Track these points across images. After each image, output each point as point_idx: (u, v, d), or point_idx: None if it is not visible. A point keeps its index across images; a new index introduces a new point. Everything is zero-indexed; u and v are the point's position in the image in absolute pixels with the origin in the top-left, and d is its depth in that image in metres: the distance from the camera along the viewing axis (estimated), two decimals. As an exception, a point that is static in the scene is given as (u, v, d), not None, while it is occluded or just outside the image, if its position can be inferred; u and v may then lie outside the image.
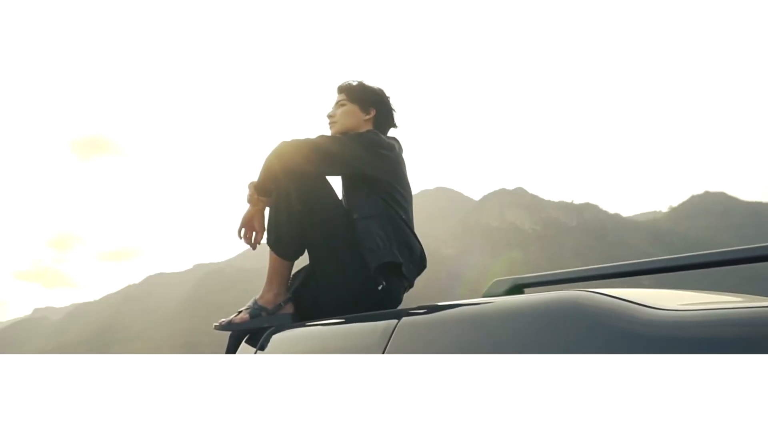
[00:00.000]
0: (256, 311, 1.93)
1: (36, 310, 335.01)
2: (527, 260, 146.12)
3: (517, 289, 1.21)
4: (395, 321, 1.20)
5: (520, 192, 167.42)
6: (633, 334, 0.79)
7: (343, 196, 2.10)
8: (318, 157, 1.96)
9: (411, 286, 2.07)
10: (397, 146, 2.14)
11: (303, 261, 2.06)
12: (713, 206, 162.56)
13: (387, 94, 2.25)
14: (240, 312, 1.96)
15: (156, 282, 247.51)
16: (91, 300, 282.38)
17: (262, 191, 2.02)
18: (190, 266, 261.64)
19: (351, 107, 2.17)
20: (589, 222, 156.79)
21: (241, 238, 2.10)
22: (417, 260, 2.06)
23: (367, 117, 2.18)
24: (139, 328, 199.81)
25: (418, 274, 2.10)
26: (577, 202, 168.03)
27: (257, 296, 1.99)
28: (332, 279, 1.95)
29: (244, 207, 2.10)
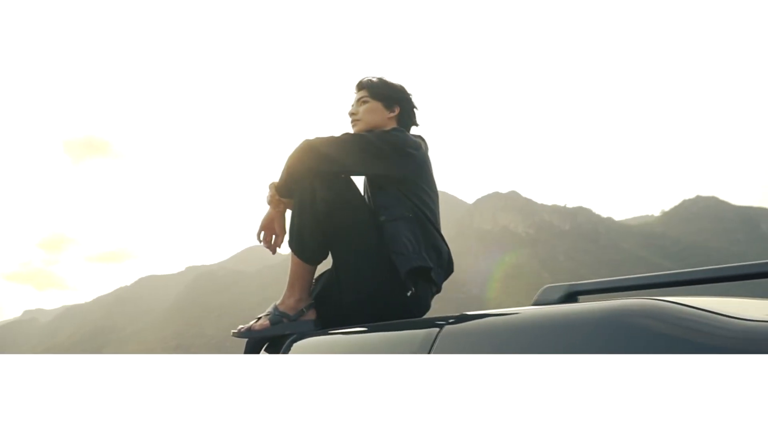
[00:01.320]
0: (277, 318, 1.85)
1: (26, 312, 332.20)
2: (520, 264, 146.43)
3: (571, 296, 1.13)
4: (435, 330, 1.10)
5: (513, 195, 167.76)
6: (721, 347, 0.72)
7: (369, 197, 2.00)
8: (344, 155, 1.87)
9: (439, 291, 1.98)
10: (423, 145, 2.05)
11: (323, 265, 1.99)
12: (705, 210, 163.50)
13: (409, 91, 2.15)
14: (259, 318, 1.87)
15: (148, 284, 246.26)
16: (82, 302, 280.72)
17: (283, 192, 1.93)
18: (182, 268, 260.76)
19: (374, 104, 2.08)
20: (582, 226, 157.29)
21: (260, 241, 2.01)
22: (445, 264, 1.98)
23: (392, 114, 2.09)
24: (130, 331, 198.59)
25: (446, 278, 2.01)
26: (570, 205, 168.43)
27: (277, 302, 1.90)
28: (358, 284, 1.85)
29: (262, 209, 1.99)
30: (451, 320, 1.11)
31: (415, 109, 2.16)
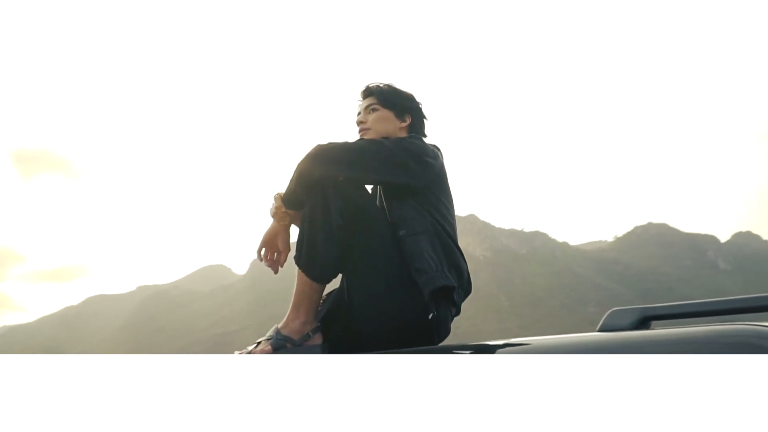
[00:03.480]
0: (279, 342, 1.67)
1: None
2: (477, 287, 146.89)
3: (644, 321, 0.99)
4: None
5: (471, 219, 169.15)
6: None
7: (384, 209, 1.83)
8: (360, 162, 1.71)
9: (458, 313, 1.80)
10: (440, 155, 1.91)
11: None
12: (656, 237, 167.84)
13: (418, 100, 2.02)
14: (259, 343, 1.71)
15: (96, 303, 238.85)
16: (25, 322, 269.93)
17: (291, 203, 1.76)
18: (133, 287, 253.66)
19: (385, 113, 1.94)
20: (539, 250, 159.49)
21: (261, 259, 1.84)
22: (465, 284, 1.82)
23: (403, 124, 1.96)
24: (76, 352, 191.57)
25: (464, 299, 1.83)
26: (527, 230, 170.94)
27: (279, 324, 1.72)
28: (374, 305, 1.68)
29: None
30: (500, 347, 0.98)
31: (425, 120, 2.04)
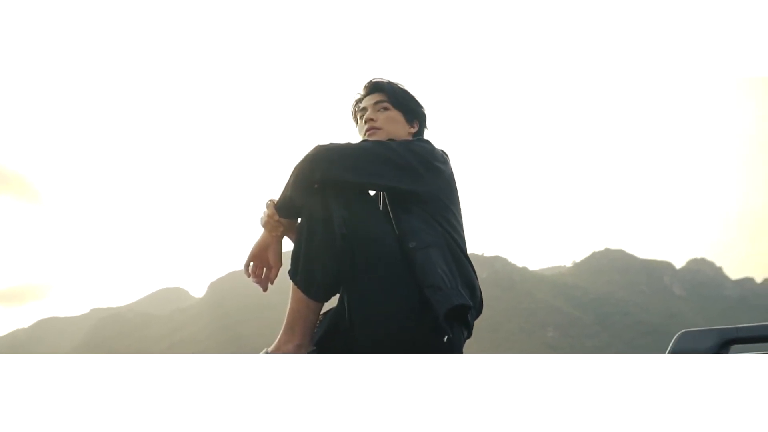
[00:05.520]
0: None
1: None
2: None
3: (724, 345, 0.87)
4: None
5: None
6: None
7: (391, 218, 1.63)
8: (365, 165, 1.54)
9: (470, 336, 1.61)
10: (449, 160, 1.74)
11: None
12: (613, 262, 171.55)
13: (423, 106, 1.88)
14: None
15: (47, 327, 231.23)
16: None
17: (286, 211, 1.57)
18: (87, 310, 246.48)
19: (396, 114, 1.78)
20: (499, 274, 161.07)
21: (248, 274, 1.63)
22: (478, 303, 1.63)
23: (412, 130, 1.81)
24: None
25: (476, 318, 1.65)
26: (487, 254, 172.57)
27: (270, 347, 1.56)
28: (380, 326, 1.48)
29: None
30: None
31: (426, 128, 1.88)
